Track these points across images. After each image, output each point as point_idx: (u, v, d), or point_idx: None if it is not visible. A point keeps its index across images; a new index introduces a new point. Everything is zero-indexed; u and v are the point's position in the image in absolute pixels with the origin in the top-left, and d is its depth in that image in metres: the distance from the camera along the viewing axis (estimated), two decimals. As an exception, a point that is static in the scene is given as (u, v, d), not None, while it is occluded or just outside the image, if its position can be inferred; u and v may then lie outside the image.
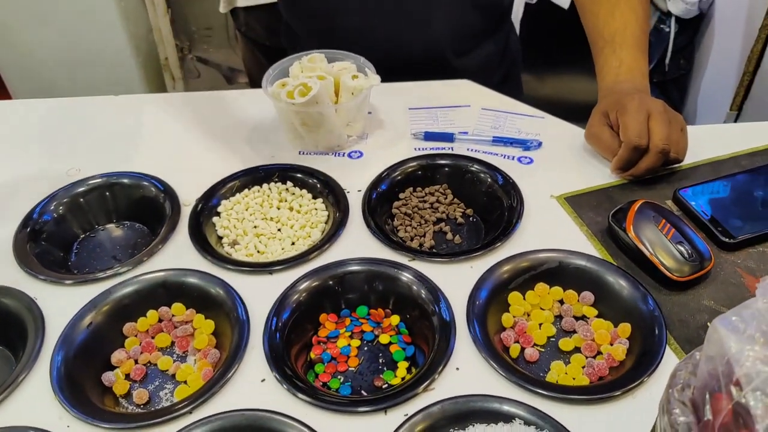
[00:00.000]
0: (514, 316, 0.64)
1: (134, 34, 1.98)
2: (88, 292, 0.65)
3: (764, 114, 1.53)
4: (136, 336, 0.64)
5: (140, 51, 2.03)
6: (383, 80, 0.83)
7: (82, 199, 0.77)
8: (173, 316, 0.65)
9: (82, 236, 0.76)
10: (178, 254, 0.70)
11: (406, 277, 0.65)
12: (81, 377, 0.59)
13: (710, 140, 0.82)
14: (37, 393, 0.57)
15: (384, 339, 0.63)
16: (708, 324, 0.60)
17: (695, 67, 1.84)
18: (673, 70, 1.82)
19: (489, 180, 0.77)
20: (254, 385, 0.57)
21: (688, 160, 0.78)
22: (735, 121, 1.63)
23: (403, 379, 0.60)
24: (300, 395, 0.55)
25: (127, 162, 0.82)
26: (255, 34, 1.25)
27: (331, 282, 0.65)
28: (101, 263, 0.73)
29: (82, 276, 0.68)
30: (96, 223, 0.77)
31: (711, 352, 0.35)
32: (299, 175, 0.79)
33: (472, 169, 0.78)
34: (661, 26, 1.76)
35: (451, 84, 0.96)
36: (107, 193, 0.78)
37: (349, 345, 0.63)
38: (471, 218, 0.76)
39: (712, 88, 1.77)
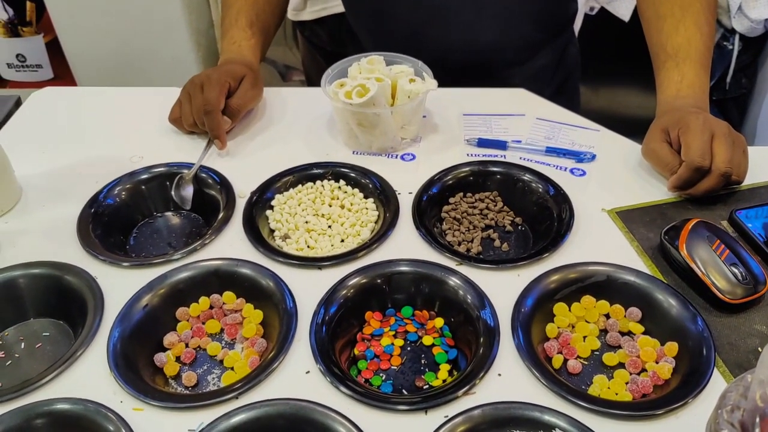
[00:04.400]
0: (558, 327, 0.64)
1: (196, 29, 2.03)
2: (143, 276, 0.68)
3: (829, 138, 1.47)
4: (188, 320, 0.66)
5: (200, 46, 2.08)
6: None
7: (143, 186, 0.80)
8: (224, 303, 0.67)
9: (141, 221, 0.79)
10: (231, 244, 0.72)
11: (453, 281, 0.65)
12: (135, 356, 0.61)
13: (770, 162, 0.80)
14: (93, 368, 0.60)
15: (427, 340, 0.64)
16: (759, 349, 0.59)
17: (757, 86, 1.79)
18: (734, 89, 1.77)
19: (540, 190, 0.77)
20: (299, 376, 0.59)
21: (747, 181, 0.77)
22: (797, 144, 1.58)
23: (444, 381, 0.60)
24: (343, 389, 0.56)
25: (186, 153, 0.85)
26: (318, 41, 1.27)
27: (379, 281, 0.66)
28: (157, 249, 0.76)
29: (139, 260, 0.71)
30: (155, 210, 0.80)
31: (763, 375, 0.35)
32: (352, 174, 0.80)
33: (524, 178, 0.78)
34: (725, 43, 1.72)
35: (507, 92, 0.96)
36: (167, 182, 0.80)
37: (393, 344, 0.64)
38: (520, 227, 0.76)
39: (774, 109, 1.72)
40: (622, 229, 0.72)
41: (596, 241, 0.71)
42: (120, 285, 0.67)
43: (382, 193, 0.77)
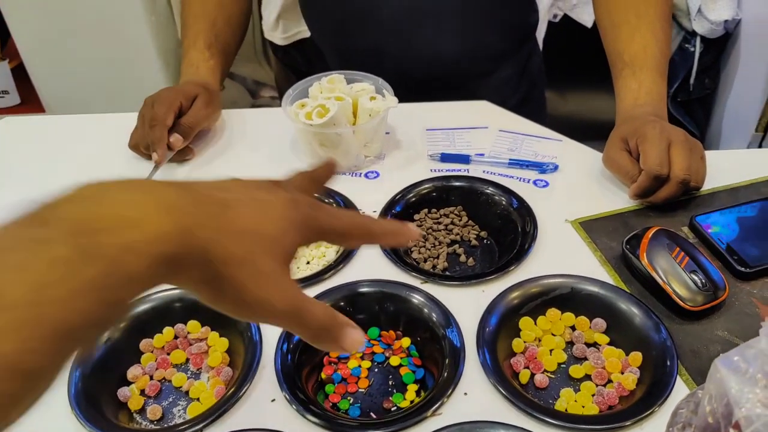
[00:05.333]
0: (524, 342, 0.64)
1: (164, 49, 2.02)
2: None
3: (790, 136, 1.50)
4: (152, 352, 0.65)
5: (169, 65, 2.07)
6: (399, 98, 0.84)
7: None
8: (189, 333, 0.66)
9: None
10: (195, 272, 0.71)
11: (417, 299, 0.65)
12: (97, 393, 0.60)
13: (730, 166, 0.81)
14: (55, 408, 0.58)
15: (394, 361, 0.64)
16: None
17: (720, 87, 1.82)
18: (697, 90, 1.80)
19: (504, 202, 0.77)
20: (265, 404, 0.58)
21: (707, 186, 0.78)
22: (761, 142, 1.61)
23: (412, 402, 0.60)
24: (309, 417, 0.56)
25: (148, 178, 0.84)
26: (292, 61, 1.27)
27: (342, 303, 0.66)
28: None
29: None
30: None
31: (712, 391, 0.35)
32: (316, 195, 0.80)
33: (487, 191, 0.79)
34: (686, 45, 1.74)
35: (469, 105, 0.97)
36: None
37: (360, 366, 0.63)
38: (485, 240, 0.76)
39: (737, 108, 1.75)
40: (585, 240, 0.72)
41: (560, 253, 0.71)
42: (82, 319, 0.66)
43: (346, 213, 0.77)
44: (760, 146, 1.61)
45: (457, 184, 0.80)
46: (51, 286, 0.28)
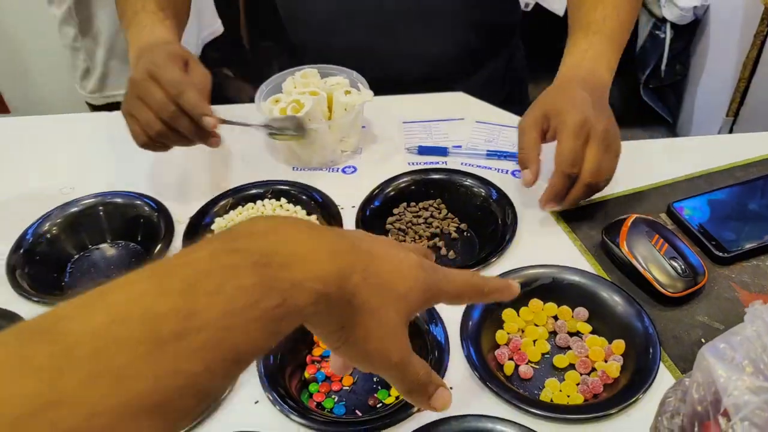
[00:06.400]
0: (508, 333, 0.63)
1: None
2: (82, 313, 0.65)
3: (760, 120, 1.53)
4: (129, 357, 0.64)
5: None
6: (380, 95, 0.83)
7: (76, 219, 0.77)
8: (167, 336, 0.65)
9: (76, 256, 0.76)
10: (172, 273, 0.70)
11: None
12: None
13: (704, 152, 0.82)
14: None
15: (378, 357, 0.63)
16: (703, 340, 0.60)
17: (691, 72, 1.84)
18: (669, 76, 1.82)
19: (483, 194, 0.77)
20: (248, 406, 0.57)
21: (683, 171, 0.78)
22: (731, 126, 1.63)
23: (397, 398, 0.60)
24: (293, 416, 0.55)
25: (121, 180, 0.82)
26: (212, 63, 1.26)
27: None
28: (95, 284, 0.73)
29: (75, 297, 0.68)
30: (90, 243, 0.77)
31: (700, 379, 0.35)
32: (293, 191, 0.79)
33: (466, 183, 0.78)
34: (656, 32, 1.76)
35: (445, 97, 0.96)
36: (101, 213, 0.78)
37: (343, 364, 0.62)
38: (465, 233, 0.76)
39: (708, 93, 1.77)
40: (565, 229, 0.72)
41: (541, 243, 0.71)
42: (56, 326, 0.64)
43: (324, 210, 0.76)
44: (731, 130, 1.64)
45: (436, 176, 0.79)
46: (237, 313, 0.30)
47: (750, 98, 1.55)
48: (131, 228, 0.77)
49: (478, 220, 0.76)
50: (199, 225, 0.75)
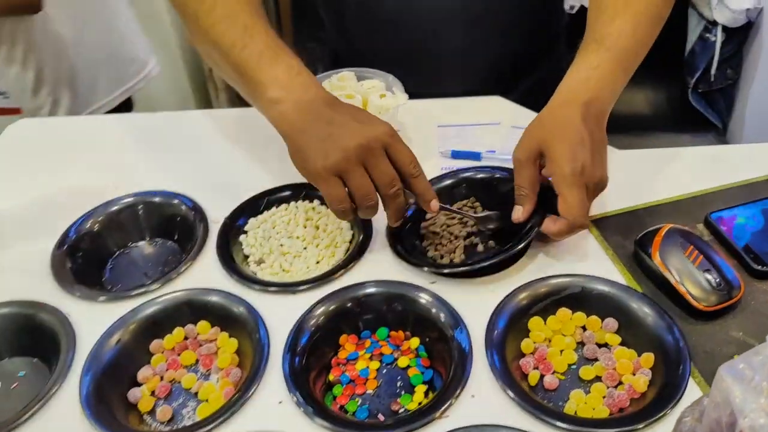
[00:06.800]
0: (534, 342, 0.63)
1: (183, 45, 2.04)
2: (119, 309, 0.67)
3: (815, 127, 1.47)
4: (162, 353, 0.66)
5: (187, 61, 2.09)
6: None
7: (117, 217, 0.80)
8: (198, 334, 0.67)
9: (116, 253, 0.79)
10: (205, 272, 0.72)
11: (425, 299, 0.65)
12: (108, 394, 0.61)
13: (746, 160, 0.80)
14: (66, 408, 0.59)
15: (403, 362, 0.63)
16: (735, 357, 0.59)
17: (743, 76, 1.78)
18: (719, 81, 1.76)
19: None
20: (272, 406, 0.58)
21: (722, 181, 0.76)
22: (785, 133, 1.57)
23: (420, 403, 0.60)
24: (316, 419, 0.56)
25: (161, 179, 0.84)
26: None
27: (349, 304, 0.66)
28: (133, 280, 0.75)
29: (113, 293, 0.71)
30: (130, 240, 0.80)
31: (717, 399, 0.34)
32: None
33: (497, 176, 0.77)
34: (707, 35, 1.71)
35: (482, 101, 0.96)
36: (140, 211, 0.80)
37: (368, 367, 0.63)
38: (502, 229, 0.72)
39: (762, 99, 1.71)
40: (597, 238, 0.71)
41: (572, 251, 0.70)
42: (95, 320, 0.66)
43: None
44: (783, 137, 1.57)
45: (466, 175, 0.78)
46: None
47: (804, 104, 1.49)
48: (169, 226, 0.80)
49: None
50: (233, 225, 0.77)
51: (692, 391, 0.56)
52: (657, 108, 1.94)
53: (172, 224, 0.80)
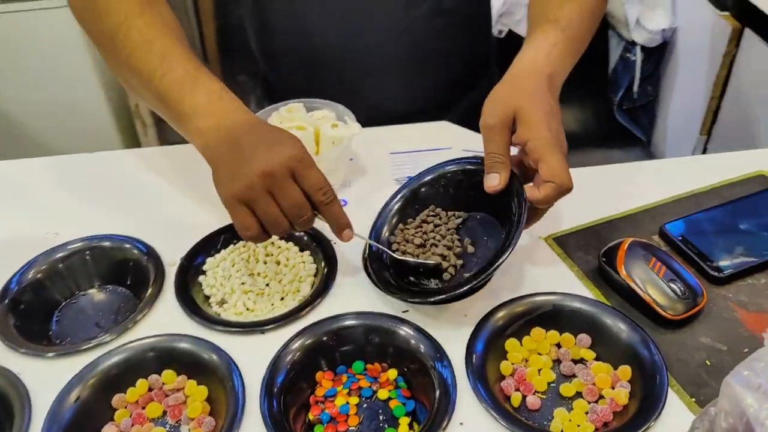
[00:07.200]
0: (512, 364, 0.63)
1: (106, 84, 1.97)
2: (73, 364, 0.63)
3: (733, 138, 1.56)
4: (126, 407, 0.62)
5: (111, 100, 2.02)
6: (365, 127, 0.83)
7: (61, 265, 0.75)
8: (164, 384, 0.63)
9: (63, 303, 0.74)
10: (165, 317, 0.68)
11: (404, 331, 0.64)
12: (70, 457, 0.56)
13: (688, 172, 0.83)
14: (24, 477, 0.54)
15: (383, 394, 0.62)
16: (707, 362, 0.60)
17: (662, 93, 1.88)
18: (641, 97, 1.86)
19: (476, 179, 0.69)
20: (253, 453, 0.55)
21: (670, 193, 0.79)
22: (705, 145, 1.67)
23: (404, 437, 0.58)
24: (301, 463, 0.54)
25: (107, 223, 0.80)
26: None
27: (325, 338, 0.64)
28: (84, 332, 0.70)
29: (64, 347, 0.66)
30: (77, 289, 0.75)
31: (727, 407, 0.34)
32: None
33: (452, 168, 0.73)
34: (627, 55, 1.80)
35: (431, 126, 0.96)
36: (87, 257, 0.75)
37: (348, 403, 0.61)
38: (477, 216, 0.71)
39: (681, 112, 1.81)
40: (561, 255, 0.72)
41: (539, 270, 0.71)
42: (47, 378, 0.62)
43: (318, 245, 0.75)
44: (704, 149, 1.67)
45: (420, 184, 0.74)
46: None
47: (722, 117, 1.58)
48: (120, 272, 0.75)
49: (484, 203, 0.70)
50: (190, 266, 0.74)
51: (672, 400, 0.57)
52: (586, 126, 2.03)
53: (124, 269, 0.75)
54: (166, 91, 0.66)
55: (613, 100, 1.90)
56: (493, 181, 0.65)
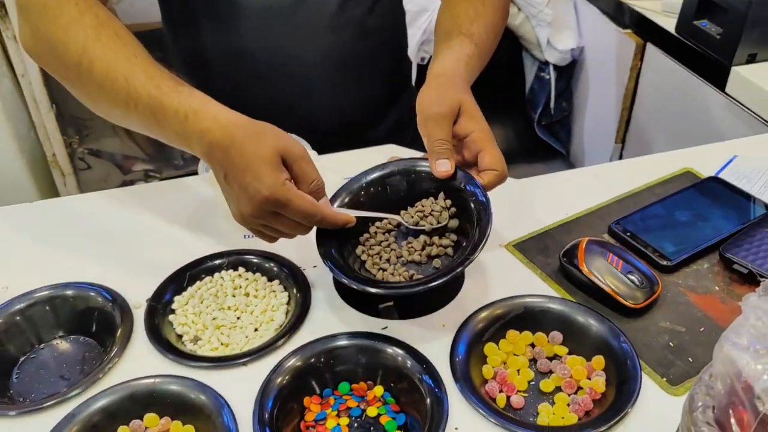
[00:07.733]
0: (493, 367, 0.65)
1: (18, 135, 1.89)
2: (39, 422, 0.60)
3: (646, 144, 1.68)
4: (109, 457, 0.60)
5: (24, 151, 1.93)
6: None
7: (18, 318, 0.71)
8: (146, 428, 0.61)
9: (22, 358, 0.70)
10: (138, 361, 0.66)
11: (387, 347, 0.65)
12: None
13: (623, 175, 0.90)
14: None
15: (372, 412, 0.63)
16: (671, 343, 0.65)
17: (576, 107, 2.00)
18: (557, 113, 1.97)
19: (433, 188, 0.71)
20: (253, 485, 0.55)
21: (613, 194, 0.85)
22: (621, 152, 1.78)
23: (398, 454, 0.59)
24: (305, 487, 0.53)
25: (64, 272, 0.77)
26: None
27: (312, 360, 0.64)
28: (49, 386, 0.67)
29: (28, 405, 0.63)
30: (37, 342, 0.72)
31: (722, 370, 0.38)
32: (250, 258, 0.78)
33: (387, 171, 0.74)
34: (542, 74, 1.91)
35: (378, 150, 0.99)
36: (47, 308, 0.72)
37: (339, 425, 0.61)
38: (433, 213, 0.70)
39: (595, 124, 1.93)
40: (523, 260, 0.76)
41: (505, 276, 0.74)
42: (16, 438, 0.59)
43: (288, 273, 0.76)
44: (620, 156, 1.78)
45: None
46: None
47: (633, 125, 1.70)
48: (82, 320, 0.73)
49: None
50: (158, 306, 0.72)
51: (646, 381, 0.61)
52: (509, 143, 2.12)
53: (86, 317, 0.73)
54: (142, 119, 0.66)
55: (532, 117, 2.00)
56: (444, 167, 0.68)
